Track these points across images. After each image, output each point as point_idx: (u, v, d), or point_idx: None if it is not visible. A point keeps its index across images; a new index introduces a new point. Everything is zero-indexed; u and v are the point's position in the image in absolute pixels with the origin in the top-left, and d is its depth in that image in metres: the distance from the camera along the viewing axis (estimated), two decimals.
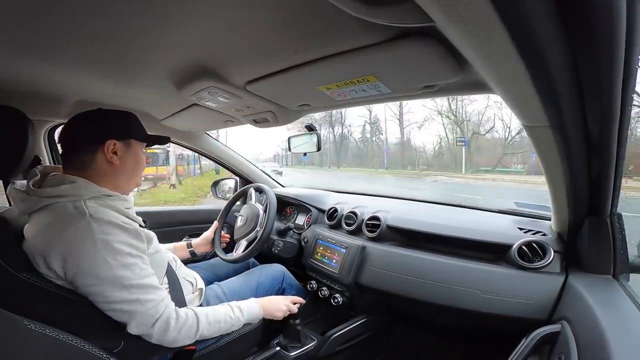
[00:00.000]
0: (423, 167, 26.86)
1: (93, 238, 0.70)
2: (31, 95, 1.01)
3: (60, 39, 0.65)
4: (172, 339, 0.78)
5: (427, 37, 0.59)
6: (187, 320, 0.80)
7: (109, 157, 0.82)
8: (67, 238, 0.69)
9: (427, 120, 27.37)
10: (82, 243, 0.69)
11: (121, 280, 0.72)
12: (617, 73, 0.45)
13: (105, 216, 0.74)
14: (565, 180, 0.75)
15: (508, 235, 1.03)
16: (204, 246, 1.34)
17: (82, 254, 0.69)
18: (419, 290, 1.04)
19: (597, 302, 0.68)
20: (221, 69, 0.83)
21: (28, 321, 0.48)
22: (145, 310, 0.74)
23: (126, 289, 0.72)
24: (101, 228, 0.72)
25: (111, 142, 0.82)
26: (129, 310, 0.73)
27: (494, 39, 0.40)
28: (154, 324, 0.75)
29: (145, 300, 0.74)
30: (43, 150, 1.32)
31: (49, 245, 0.69)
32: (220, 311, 0.89)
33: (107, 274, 0.70)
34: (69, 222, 0.70)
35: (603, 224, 0.79)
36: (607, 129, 0.57)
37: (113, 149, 0.82)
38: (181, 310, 0.81)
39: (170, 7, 0.55)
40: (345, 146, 33.66)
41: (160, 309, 0.77)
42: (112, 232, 0.73)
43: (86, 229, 0.70)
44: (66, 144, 0.83)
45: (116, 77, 0.90)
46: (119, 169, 0.84)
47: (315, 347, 1.18)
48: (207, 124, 1.48)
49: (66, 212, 0.72)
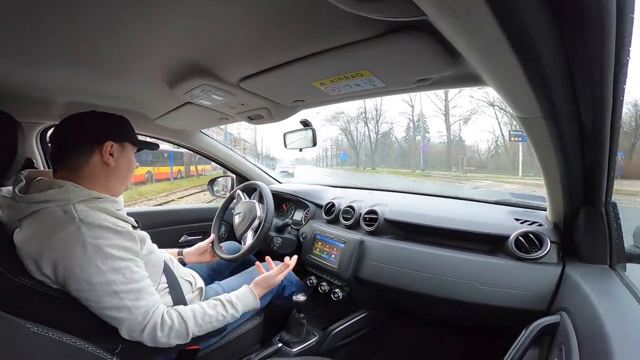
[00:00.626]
0: (470, 168, 23.01)
1: (83, 243, 0.69)
2: (21, 97, 1.00)
3: (48, 40, 0.65)
4: (164, 343, 0.78)
5: (420, 30, 0.59)
6: (173, 325, 0.79)
7: (105, 159, 0.81)
8: (57, 243, 0.68)
9: (475, 114, 23.16)
10: (72, 248, 0.69)
11: (112, 285, 0.71)
12: (608, 64, 0.45)
13: (96, 220, 0.73)
14: (560, 171, 0.76)
15: (505, 226, 1.03)
16: (197, 256, 1.29)
17: (72, 259, 0.68)
18: (418, 283, 1.04)
19: (594, 292, 0.68)
20: (214, 66, 0.82)
21: (31, 324, 0.48)
22: (133, 318, 0.74)
23: (117, 294, 0.72)
24: (92, 232, 0.71)
25: (109, 144, 0.82)
26: (117, 317, 0.73)
27: (486, 31, 0.40)
28: (143, 331, 0.75)
29: (135, 307, 0.74)
30: (36, 152, 1.31)
31: (39, 251, 0.69)
32: (208, 309, 0.88)
33: (98, 278, 0.70)
34: (59, 227, 0.69)
35: (598, 213, 0.79)
36: (600, 120, 0.57)
37: (110, 150, 0.82)
38: (167, 315, 0.80)
39: (160, 6, 0.54)
40: (388, 145, 31.40)
41: (149, 315, 0.76)
42: (103, 236, 0.72)
43: (76, 234, 0.69)
44: (60, 145, 0.82)
45: (107, 77, 0.89)
46: (113, 170, 0.84)
47: (317, 342, 1.19)
48: (201, 122, 1.47)
49: (55, 217, 0.71)
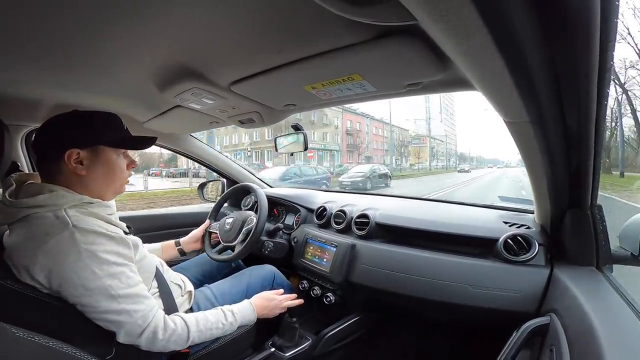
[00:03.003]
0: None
1: (78, 249, 0.68)
2: (6, 98, 0.97)
3: (33, 41, 0.63)
4: (161, 347, 0.77)
5: (410, 35, 0.59)
6: (175, 329, 0.79)
7: (72, 167, 0.75)
8: (50, 250, 0.67)
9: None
10: (66, 254, 0.67)
11: (109, 290, 0.70)
12: (592, 69, 0.47)
13: (89, 225, 0.71)
14: (546, 174, 0.77)
15: (494, 229, 1.05)
16: (192, 244, 1.33)
17: (67, 266, 0.67)
18: (410, 286, 1.05)
19: (583, 294, 0.69)
20: (204, 69, 0.82)
21: (16, 329, 0.47)
22: (133, 321, 0.73)
23: (114, 299, 0.71)
24: (85, 238, 0.69)
25: (73, 152, 0.75)
26: (116, 321, 0.72)
27: (475, 36, 0.41)
28: (141, 334, 0.74)
29: (133, 310, 0.73)
30: (21, 155, 1.27)
31: (31, 258, 0.67)
32: (211, 317, 0.89)
33: (94, 284, 0.69)
34: (51, 233, 0.68)
35: (584, 216, 0.80)
36: (585, 124, 0.58)
37: (77, 158, 0.76)
38: (170, 319, 0.80)
39: (148, 7, 0.54)
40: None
41: (148, 319, 0.75)
42: (97, 242, 0.71)
43: (70, 240, 0.68)
44: (35, 152, 0.79)
45: (94, 79, 0.88)
46: (88, 178, 0.78)
47: (310, 346, 1.18)
48: (192, 125, 1.45)
49: (48, 223, 0.69)
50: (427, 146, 50.19)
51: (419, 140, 49.82)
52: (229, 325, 0.91)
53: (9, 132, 0.78)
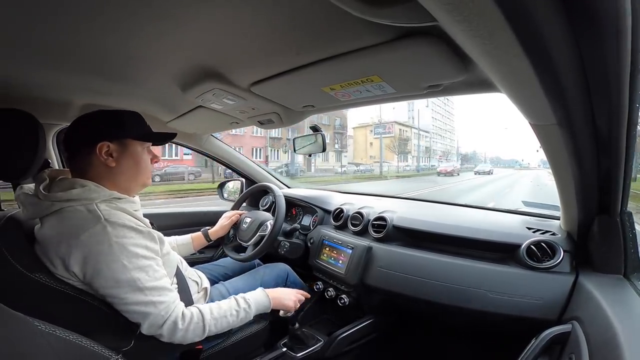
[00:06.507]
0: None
1: (109, 241, 0.71)
2: (40, 99, 1.03)
3: (66, 44, 0.67)
4: (181, 337, 0.80)
5: (430, 36, 0.59)
6: (192, 319, 0.82)
7: (103, 160, 0.80)
8: (84, 242, 0.70)
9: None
10: (99, 247, 0.71)
11: (137, 283, 0.73)
12: (624, 70, 0.45)
13: (119, 219, 0.75)
14: (574, 179, 0.74)
15: (516, 235, 1.01)
16: (221, 230, 1.38)
17: (99, 258, 0.71)
18: (426, 290, 1.03)
19: (608, 302, 0.67)
20: (225, 71, 0.84)
21: (38, 322, 0.49)
22: (157, 312, 0.76)
23: (141, 291, 0.74)
24: (116, 231, 0.73)
25: (104, 144, 0.80)
26: (142, 312, 0.75)
27: (498, 37, 0.40)
28: (163, 325, 0.77)
29: (158, 302, 0.76)
30: (52, 153, 1.34)
31: (67, 249, 0.70)
32: (224, 305, 0.90)
33: (124, 276, 0.72)
34: (85, 227, 0.71)
35: (613, 223, 0.77)
36: (616, 127, 0.56)
37: (107, 150, 0.81)
38: (187, 310, 0.82)
39: (173, 12, 0.56)
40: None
41: (170, 309, 0.78)
42: (127, 235, 0.74)
43: (102, 233, 0.72)
44: (66, 148, 0.84)
45: (121, 80, 0.91)
46: (117, 170, 0.83)
47: (322, 347, 1.18)
48: (213, 125, 1.49)
49: (81, 217, 0.73)
50: (394, 136, 39.30)
51: (383, 129, 38.58)
52: (243, 312, 0.92)
53: (43, 130, 0.82)
